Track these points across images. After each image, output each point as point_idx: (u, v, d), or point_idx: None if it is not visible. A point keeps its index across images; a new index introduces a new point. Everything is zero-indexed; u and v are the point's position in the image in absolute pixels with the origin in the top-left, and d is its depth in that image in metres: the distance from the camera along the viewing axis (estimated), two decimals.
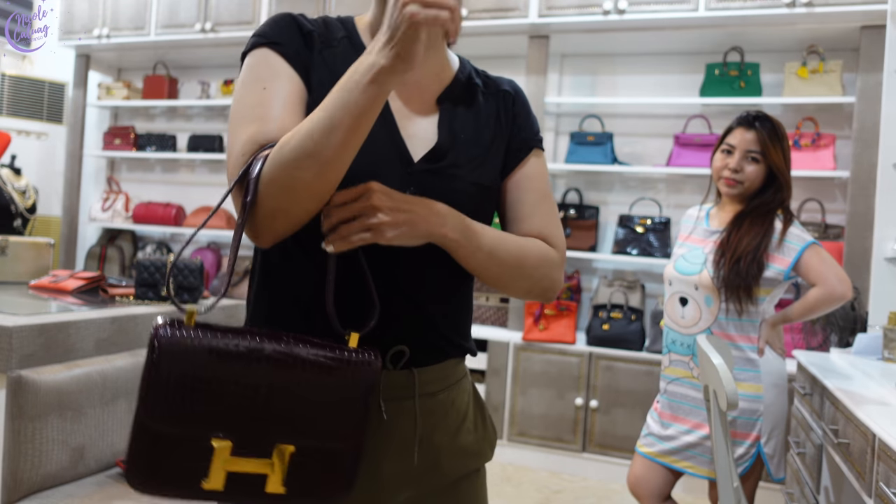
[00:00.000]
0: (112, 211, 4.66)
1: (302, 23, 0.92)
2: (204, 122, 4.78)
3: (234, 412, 0.76)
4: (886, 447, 1.39)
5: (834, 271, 1.96)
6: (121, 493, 1.70)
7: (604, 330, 3.38)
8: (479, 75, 1.02)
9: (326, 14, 4.08)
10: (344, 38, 0.94)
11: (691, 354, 2.05)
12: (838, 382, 1.90)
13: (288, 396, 0.78)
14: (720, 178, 2.07)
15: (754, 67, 3.41)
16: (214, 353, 0.76)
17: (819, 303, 1.98)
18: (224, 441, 0.76)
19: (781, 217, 2.02)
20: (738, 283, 1.95)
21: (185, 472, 0.76)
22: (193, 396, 0.75)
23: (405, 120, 0.92)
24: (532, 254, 0.94)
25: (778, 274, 1.98)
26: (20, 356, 1.66)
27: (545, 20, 3.46)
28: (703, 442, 2.03)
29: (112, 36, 4.40)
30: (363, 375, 0.81)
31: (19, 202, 2.86)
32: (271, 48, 0.89)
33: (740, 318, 2.01)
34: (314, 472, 0.81)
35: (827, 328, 2.86)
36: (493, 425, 1.05)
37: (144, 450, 0.76)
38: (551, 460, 3.38)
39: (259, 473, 0.78)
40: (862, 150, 3.07)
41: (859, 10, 3.00)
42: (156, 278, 2.20)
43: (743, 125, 2.05)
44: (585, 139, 3.66)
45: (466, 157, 0.94)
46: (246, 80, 0.88)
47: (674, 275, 2.10)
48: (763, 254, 1.96)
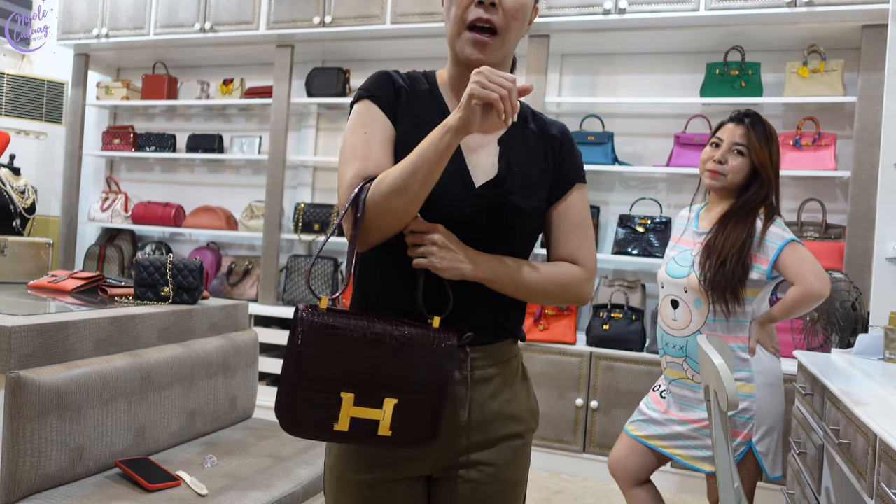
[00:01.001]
0: (111, 211, 4.66)
1: (395, 79, 1.19)
2: (203, 121, 4.78)
3: (355, 373, 1.03)
4: (887, 447, 1.38)
5: (812, 269, 1.95)
6: (120, 494, 1.70)
7: (604, 330, 3.37)
8: (534, 119, 1.25)
9: (325, 14, 4.07)
10: (426, 90, 1.21)
11: (684, 356, 2.06)
12: (839, 383, 1.90)
13: (392, 362, 1.05)
14: (705, 171, 2.09)
15: (755, 67, 3.40)
16: (342, 330, 1.03)
17: (797, 302, 1.96)
18: (349, 393, 1.03)
19: (763, 216, 2.02)
20: (725, 285, 1.96)
21: (321, 417, 1.03)
22: (328, 361, 1.02)
23: (471, 153, 1.17)
24: (557, 279, 1.19)
25: (761, 274, 1.98)
26: (19, 356, 1.65)
27: (545, 20, 3.46)
28: (696, 434, 2.04)
29: (111, 35, 4.40)
30: (445, 348, 1.08)
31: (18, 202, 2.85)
32: (371, 100, 1.16)
33: (728, 320, 2.01)
34: (411, 420, 1.06)
35: (828, 328, 2.85)
36: (536, 400, 1.29)
37: (293, 403, 1.02)
38: (551, 460, 3.38)
39: (373, 419, 1.04)
40: (863, 150, 3.06)
41: (860, 10, 2.99)
42: (155, 278, 2.19)
43: (734, 121, 2.08)
44: (586, 139, 3.66)
45: (517, 186, 1.16)
46: (353, 125, 1.16)
47: (665, 278, 2.11)
48: (747, 255, 1.97)
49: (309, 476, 1.97)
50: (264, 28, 4.02)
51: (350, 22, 3.83)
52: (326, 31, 3.90)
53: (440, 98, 1.20)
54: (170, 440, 2.06)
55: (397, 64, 4.26)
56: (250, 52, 4.37)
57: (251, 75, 4.59)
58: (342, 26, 3.85)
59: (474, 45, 1.12)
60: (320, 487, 2.01)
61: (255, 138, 4.38)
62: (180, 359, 2.08)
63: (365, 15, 3.80)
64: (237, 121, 4.69)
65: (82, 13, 4.47)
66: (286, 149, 4.11)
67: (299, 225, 4.15)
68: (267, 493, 1.80)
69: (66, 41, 4.53)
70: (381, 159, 1.11)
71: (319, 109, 4.44)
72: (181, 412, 2.09)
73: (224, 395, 2.27)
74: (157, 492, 1.74)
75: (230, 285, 4.32)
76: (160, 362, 2.00)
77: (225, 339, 2.31)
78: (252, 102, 4.31)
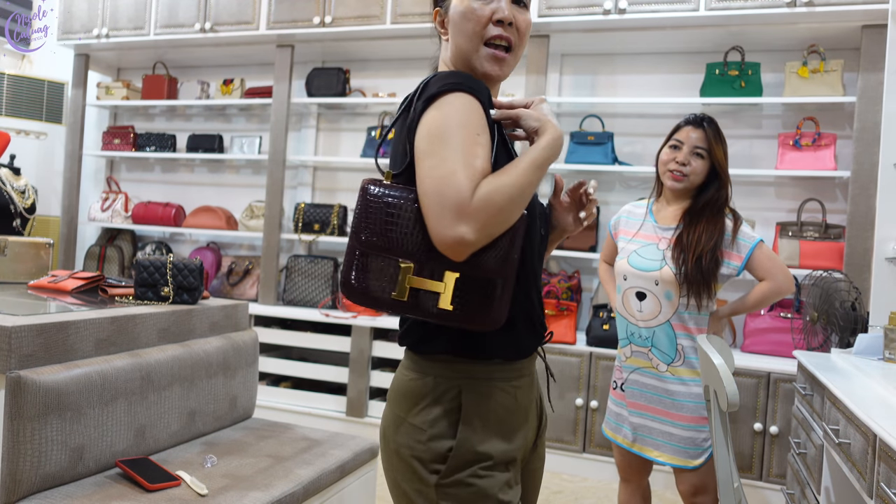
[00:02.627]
0: (111, 211, 4.66)
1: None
2: (203, 121, 4.78)
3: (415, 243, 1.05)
4: (887, 447, 1.38)
5: (780, 268, 2.11)
6: (120, 494, 1.70)
7: (604, 330, 3.37)
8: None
9: (325, 14, 4.06)
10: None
11: (650, 346, 2.14)
12: (839, 382, 1.90)
13: None
14: (666, 172, 2.18)
15: (755, 67, 3.40)
16: (402, 199, 1.05)
17: (767, 296, 2.12)
18: (408, 263, 1.04)
19: (731, 216, 2.14)
20: (701, 278, 2.07)
21: (381, 284, 1.05)
22: (389, 229, 1.04)
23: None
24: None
25: (732, 270, 2.11)
26: (19, 356, 1.66)
27: (545, 20, 3.46)
28: (664, 427, 2.11)
29: (111, 35, 4.40)
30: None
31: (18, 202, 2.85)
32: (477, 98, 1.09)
33: (699, 312, 2.11)
34: (472, 298, 1.04)
35: (828, 328, 2.85)
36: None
37: (355, 270, 1.06)
38: (551, 460, 3.38)
39: (433, 291, 1.04)
40: (863, 150, 3.06)
41: (860, 10, 2.99)
42: (155, 278, 2.19)
43: (692, 124, 2.19)
44: (586, 139, 3.66)
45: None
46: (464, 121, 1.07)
47: (629, 270, 2.18)
48: (719, 251, 2.09)
49: (309, 476, 1.97)
50: (264, 28, 4.02)
51: (350, 22, 3.83)
52: (326, 31, 3.90)
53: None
54: (170, 440, 2.06)
55: (398, 64, 4.27)
56: (250, 52, 4.37)
57: (251, 75, 4.59)
58: (342, 26, 3.85)
59: (494, 61, 1.16)
60: (320, 487, 2.01)
61: (256, 138, 4.39)
62: (180, 359, 2.08)
63: (365, 15, 3.80)
64: (237, 121, 4.69)
65: (82, 13, 4.47)
66: (286, 149, 4.11)
67: (299, 225, 4.15)
68: (267, 493, 1.80)
69: (66, 41, 4.54)
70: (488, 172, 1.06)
71: (319, 109, 4.44)
72: (181, 412, 2.09)
73: (224, 395, 2.27)
74: (157, 492, 1.74)
75: (230, 285, 4.32)
76: (160, 362, 2.00)
77: (225, 339, 2.32)
78: (252, 102, 4.31)
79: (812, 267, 3.11)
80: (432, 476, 1.11)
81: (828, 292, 2.85)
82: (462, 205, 0.98)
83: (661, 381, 2.13)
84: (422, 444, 1.13)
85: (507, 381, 1.17)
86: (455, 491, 1.11)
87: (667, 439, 2.11)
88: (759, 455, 3.01)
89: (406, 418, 1.15)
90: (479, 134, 1.05)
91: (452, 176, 1.00)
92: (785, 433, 2.95)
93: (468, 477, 1.11)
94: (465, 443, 1.11)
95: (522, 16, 1.17)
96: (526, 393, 1.21)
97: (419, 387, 1.15)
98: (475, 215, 0.98)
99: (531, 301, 1.19)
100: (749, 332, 3.34)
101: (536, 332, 1.21)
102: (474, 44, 1.15)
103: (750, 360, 3.14)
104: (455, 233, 0.98)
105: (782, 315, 3.27)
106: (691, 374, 2.09)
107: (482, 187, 1.00)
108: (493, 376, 1.15)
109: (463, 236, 0.98)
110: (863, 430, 1.56)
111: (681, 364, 2.10)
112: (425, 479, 1.12)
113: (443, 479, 1.11)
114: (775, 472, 2.98)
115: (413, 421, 1.14)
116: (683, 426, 2.08)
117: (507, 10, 1.14)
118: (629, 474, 2.24)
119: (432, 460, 1.12)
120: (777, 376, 3.00)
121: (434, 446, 1.12)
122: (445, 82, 1.08)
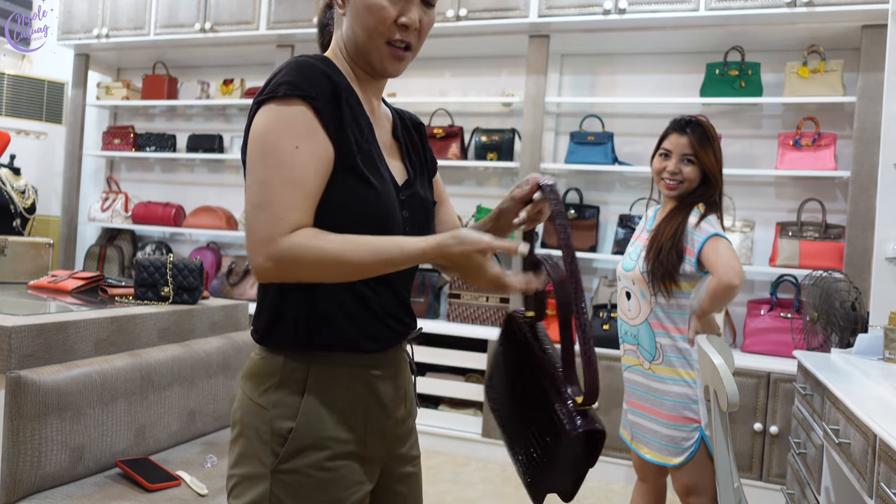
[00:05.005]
0: (111, 211, 4.66)
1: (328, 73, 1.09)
2: (203, 121, 4.78)
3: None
4: (887, 447, 1.38)
5: (725, 261, 1.99)
6: (120, 494, 1.70)
7: (604, 330, 3.37)
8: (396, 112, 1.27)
9: None
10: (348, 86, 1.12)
11: (636, 344, 2.17)
12: (839, 382, 1.90)
13: None
14: (661, 181, 2.19)
15: (755, 67, 3.40)
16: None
17: (712, 292, 2.00)
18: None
19: (698, 212, 2.10)
20: (661, 271, 2.06)
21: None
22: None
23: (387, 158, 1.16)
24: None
25: (691, 266, 2.07)
26: (19, 356, 1.66)
27: (545, 20, 3.46)
28: (650, 425, 2.13)
29: (111, 36, 4.40)
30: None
31: (18, 202, 2.86)
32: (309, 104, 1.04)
33: (669, 311, 2.10)
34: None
35: (828, 328, 2.85)
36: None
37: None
38: None
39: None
40: (863, 150, 3.06)
41: (860, 10, 2.99)
42: (155, 278, 2.19)
43: (676, 130, 2.18)
44: (585, 139, 3.66)
45: (422, 181, 1.23)
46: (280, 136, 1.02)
47: (619, 271, 2.25)
48: (680, 243, 2.06)
49: None
50: (264, 28, 4.02)
51: None
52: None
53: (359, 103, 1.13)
54: (170, 440, 2.06)
55: None
56: (250, 52, 4.37)
57: (251, 75, 4.59)
58: None
59: (396, 61, 1.11)
60: None
61: None
62: (180, 359, 2.08)
63: None
64: (237, 121, 4.68)
65: (82, 13, 4.47)
66: None
67: None
68: None
69: (66, 41, 4.54)
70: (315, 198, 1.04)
71: None
72: (181, 412, 2.09)
73: (224, 395, 2.27)
74: (157, 492, 1.74)
75: (230, 285, 4.32)
76: (160, 362, 2.00)
77: (225, 339, 2.32)
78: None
79: (812, 267, 3.11)
80: (272, 458, 1.05)
81: (828, 292, 2.85)
82: (266, 245, 0.98)
83: (646, 379, 2.16)
84: (266, 423, 1.06)
85: (361, 368, 1.11)
86: (291, 479, 1.05)
87: (652, 436, 2.13)
88: (759, 455, 3.01)
89: (252, 398, 1.09)
90: (299, 147, 1.01)
91: (262, 212, 0.99)
92: (785, 433, 2.95)
93: (309, 468, 1.05)
94: (306, 427, 1.06)
95: (428, 17, 1.12)
96: (386, 387, 1.14)
97: (268, 365, 1.10)
98: (278, 260, 0.98)
99: (386, 294, 1.13)
100: (749, 331, 3.34)
101: (394, 325, 1.15)
102: (375, 42, 1.09)
103: (750, 360, 3.14)
104: (256, 263, 1.00)
105: (782, 315, 3.27)
106: (671, 372, 2.09)
107: (296, 238, 0.98)
108: (341, 362, 1.10)
109: (265, 270, 1.00)
110: (863, 430, 1.56)
111: (660, 362, 2.11)
112: (265, 461, 1.06)
113: (281, 463, 1.05)
114: (775, 472, 2.98)
115: (259, 401, 1.08)
116: (665, 423, 2.09)
117: (416, 15, 1.09)
118: (644, 473, 2.23)
119: (273, 441, 1.06)
120: (777, 376, 3.00)
121: (276, 426, 1.06)
122: (280, 82, 1.03)
